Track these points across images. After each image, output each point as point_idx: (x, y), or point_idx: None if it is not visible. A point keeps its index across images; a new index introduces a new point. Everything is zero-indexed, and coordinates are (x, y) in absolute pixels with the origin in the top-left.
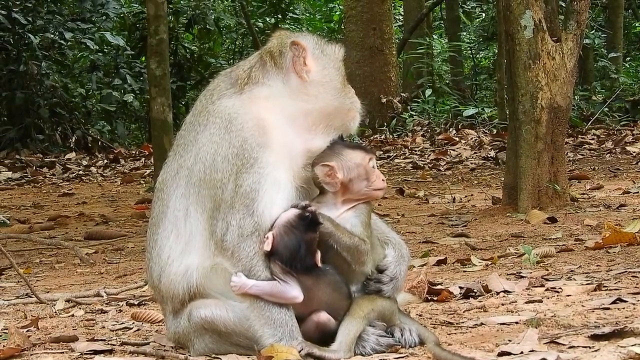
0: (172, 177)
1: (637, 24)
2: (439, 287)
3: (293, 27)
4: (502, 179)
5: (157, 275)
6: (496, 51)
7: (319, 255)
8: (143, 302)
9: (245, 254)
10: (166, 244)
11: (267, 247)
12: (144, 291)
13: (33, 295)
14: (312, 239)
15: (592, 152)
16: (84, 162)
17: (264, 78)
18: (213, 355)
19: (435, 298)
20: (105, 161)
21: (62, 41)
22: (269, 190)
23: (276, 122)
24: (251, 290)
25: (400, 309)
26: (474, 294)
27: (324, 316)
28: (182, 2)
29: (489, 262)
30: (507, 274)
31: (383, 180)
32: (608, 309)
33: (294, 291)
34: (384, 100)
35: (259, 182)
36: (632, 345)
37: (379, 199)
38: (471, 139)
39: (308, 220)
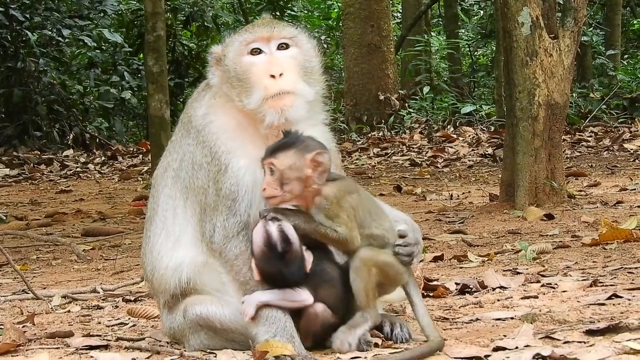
0: (161, 174)
1: (635, 22)
2: (435, 283)
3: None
4: (500, 176)
5: (150, 270)
6: (494, 48)
7: (308, 262)
8: (139, 298)
9: (232, 254)
10: (157, 240)
11: (257, 277)
12: (140, 287)
13: (29, 291)
14: (292, 251)
15: (590, 149)
16: (82, 159)
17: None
18: (208, 351)
19: (431, 294)
20: (103, 158)
21: (59, 38)
22: (248, 190)
23: (237, 125)
24: (263, 302)
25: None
26: (470, 290)
27: (319, 307)
28: None
29: (486, 259)
30: (504, 270)
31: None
32: (603, 304)
33: (304, 294)
34: (382, 97)
35: (236, 184)
36: (627, 341)
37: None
38: (469, 136)
39: (277, 240)
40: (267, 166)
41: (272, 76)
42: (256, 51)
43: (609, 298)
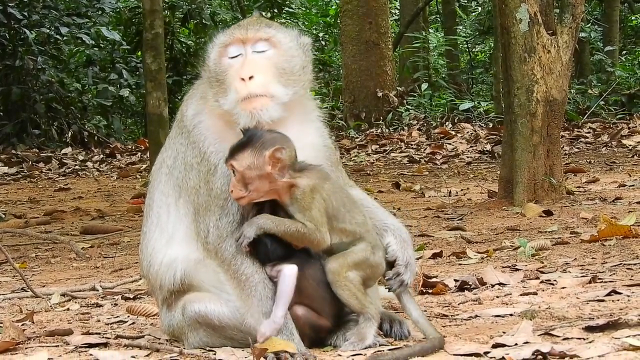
0: (157, 170)
1: (633, 18)
2: (434, 280)
3: (289, 21)
4: (498, 172)
5: (146, 266)
6: (492, 45)
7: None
8: (138, 296)
9: (228, 253)
10: (152, 236)
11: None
12: (139, 285)
13: (29, 290)
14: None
15: (588, 145)
16: (80, 157)
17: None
18: (208, 348)
19: (430, 291)
20: (102, 156)
21: (58, 36)
22: None
23: (225, 125)
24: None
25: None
26: (469, 286)
27: (299, 310)
28: None
29: (485, 255)
30: (503, 267)
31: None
32: (603, 301)
33: (286, 269)
34: (380, 94)
35: (227, 183)
36: (626, 337)
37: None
38: (467, 132)
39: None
40: (229, 168)
41: (242, 79)
42: (233, 53)
43: (608, 294)
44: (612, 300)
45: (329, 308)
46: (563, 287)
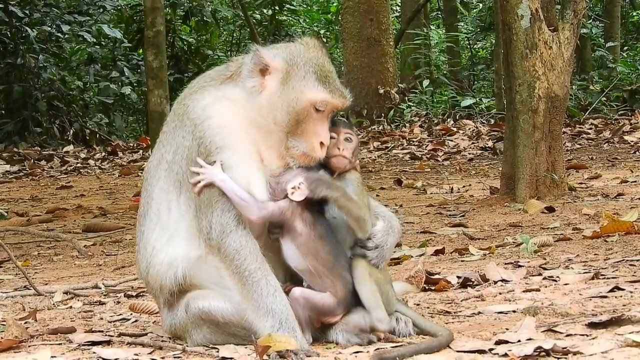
0: (154, 167)
1: (634, 14)
2: (436, 276)
3: (290, 18)
4: (500, 169)
5: (145, 267)
6: (494, 41)
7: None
8: (141, 294)
9: (231, 249)
10: (151, 236)
11: (299, 197)
12: (141, 282)
13: (31, 288)
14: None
15: (590, 141)
16: (82, 155)
17: (242, 77)
18: (211, 346)
19: (433, 288)
20: (103, 154)
21: (59, 34)
22: (242, 186)
23: (235, 125)
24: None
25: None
26: (471, 283)
27: (296, 292)
28: None
29: (487, 252)
30: (505, 264)
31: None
32: (605, 297)
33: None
34: (381, 91)
35: (233, 177)
36: (630, 333)
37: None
38: (469, 129)
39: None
40: (344, 134)
41: (322, 144)
42: (322, 108)
43: (611, 291)
44: (615, 297)
45: (338, 281)
46: (566, 284)
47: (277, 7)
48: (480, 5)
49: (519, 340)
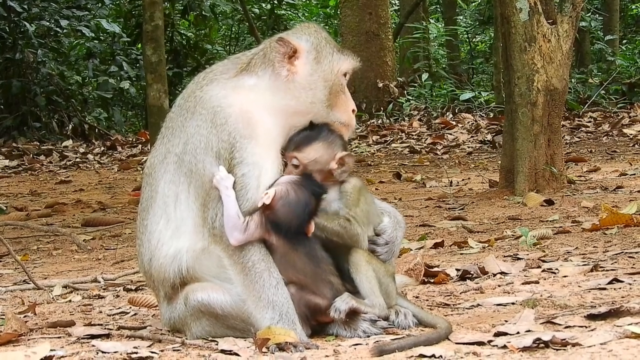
0: (160, 161)
1: (633, 7)
2: (436, 269)
3: (289, 12)
4: (499, 162)
5: (148, 259)
6: (492, 35)
7: (312, 225)
8: (140, 287)
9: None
10: (156, 228)
11: (267, 200)
12: (140, 276)
13: (30, 282)
14: (314, 203)
15: (589, 134)
16: (81, 150)
17: (258, 68)
18: (210, 338)
19: (432, 280)
20: (102, 148)
21: (58, 29)
22: (257, 179)
23: (258, 113)
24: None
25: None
26: (470, 275)
27: (291, 289)
28: None
29: (486, 245)
30: (504, 256)
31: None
32: (604, 289)
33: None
34: (380, 85)
35: (247, 173)
36: (628, 325)
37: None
38: (468, 122)
39: (315, 182)
40: (289, 159)
41: (354, 110)
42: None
43: (610, 283)
44: (614, 289)
45: (323, 286)
46: (565, 276)
47: (275, 1)
48: None
49: (518, 332)
